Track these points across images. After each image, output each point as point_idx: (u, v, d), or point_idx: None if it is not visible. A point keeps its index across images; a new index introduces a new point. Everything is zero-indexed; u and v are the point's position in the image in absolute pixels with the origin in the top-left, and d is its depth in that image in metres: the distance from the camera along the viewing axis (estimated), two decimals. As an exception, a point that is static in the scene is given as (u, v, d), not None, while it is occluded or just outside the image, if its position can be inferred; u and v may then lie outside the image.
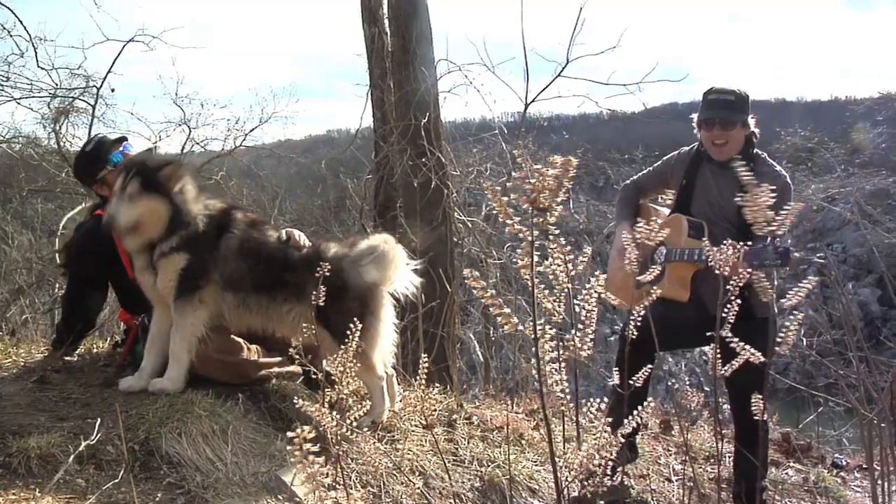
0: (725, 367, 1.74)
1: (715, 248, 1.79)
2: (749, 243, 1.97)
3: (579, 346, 1.37)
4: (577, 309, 1.42)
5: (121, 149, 3.52)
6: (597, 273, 1.45)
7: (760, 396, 1.79)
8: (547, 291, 1.35)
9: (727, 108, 3.30)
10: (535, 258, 1.28)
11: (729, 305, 1.70)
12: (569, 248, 1.34)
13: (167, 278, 3.07)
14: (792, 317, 1.66)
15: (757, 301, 3.16)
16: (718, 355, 1.73)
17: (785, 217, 1.57)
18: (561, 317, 1.34)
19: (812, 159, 17.58)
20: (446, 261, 6.79)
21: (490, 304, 1.29)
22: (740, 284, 1.72)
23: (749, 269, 1.74)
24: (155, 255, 3.06)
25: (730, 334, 1.67)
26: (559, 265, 1.32)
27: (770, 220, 1.57)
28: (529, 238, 1.26)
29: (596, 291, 1.43)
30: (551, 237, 1.28)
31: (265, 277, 3.12)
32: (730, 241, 1.78)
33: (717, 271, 1.73)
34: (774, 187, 1.60)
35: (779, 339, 1.65)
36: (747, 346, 1.67)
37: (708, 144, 3.37)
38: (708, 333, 1.78)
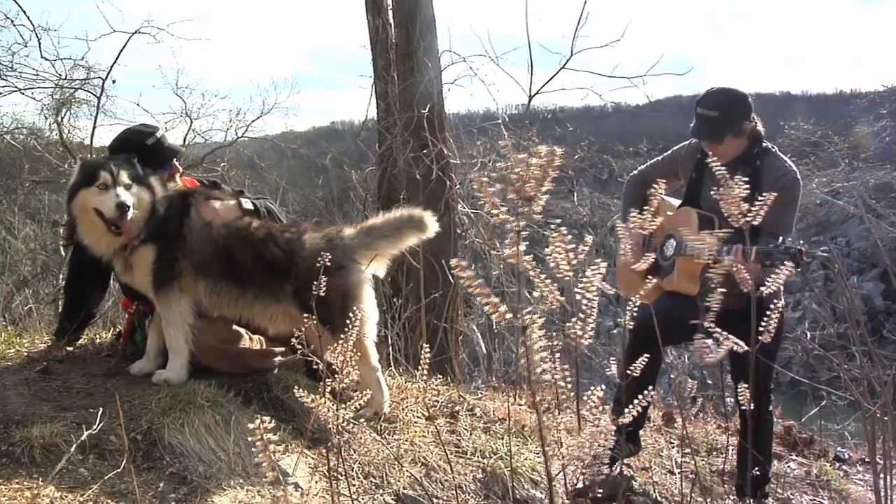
0: (712, 356, 1.74)
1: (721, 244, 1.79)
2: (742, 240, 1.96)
3: (580, 335, 1.36)
4: (577, 298, 1.41)
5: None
6: (597, 261, 1.44)
7: (746, 385, 1.79)
8: (548, 281, 1.34)
9: (710, 126, 3.24)
10: (526, 247, 1.28)
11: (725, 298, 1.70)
12: (570, 237, 1.33)
13: (142, 273, 3.10)
14: (773, 306, 1.66)
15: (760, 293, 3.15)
16: (716, 347, 1.73)
17: (759, 208, 1.56)
18: (559, 305, 1.33)
19: (816, 153, 17.49)
20: (449, 253, 6.77)
21: (479, 293, 1.28)
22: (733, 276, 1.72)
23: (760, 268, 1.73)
24: (128, 252, 3.08)
25: (716, 327, 1.67)
26: (560, 254, 1.30)
27: (745, 212, 1.56)
28: (516, 228, 1.25)
29: (595, 281, 1.42)
30: (552, 226, 1.27)
31: (233, 267, 3.12)
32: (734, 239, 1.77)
33: (731, 268, 1.72)
34: (746, 180, 1.59)
35: (760, 329, 1.65)
36: (733, 336, 1.67)
37: (706, 148, 3.35)
38: (691, 322, 1.78)
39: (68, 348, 3.44)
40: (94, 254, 3.13)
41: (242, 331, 3.28)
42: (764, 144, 3.31)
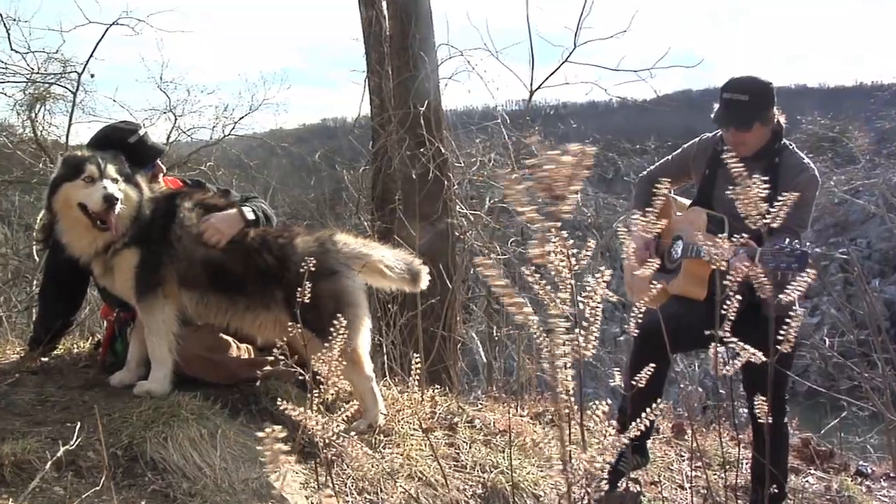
0: (727, 367, 1.74)
1: (727, 246, 1.78)
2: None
3: (583, 344, 1.36)
4: (580, 306, 1.41)
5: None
6: (601, 268, 1.44)
7: (764, 399, 1.79)
8: (549, 287, 1.34)
9: (739, 111, 3.21)
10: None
11: (731, 302, 1.70)
12: (571, 241, 1.33)
13: (123, 277, 3.08)
14: (793, 313, 1.66)
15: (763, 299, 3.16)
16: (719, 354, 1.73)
17: (779, 209, 1.55)
18: (565, 313, 1.34)
19: (834, 149, 17.45)
20: (447, 256, 6.78)
21: (502, 293, 1.29)
22: (739, 279, 1.72)
23: (763, 271, 1.73)
24: (109, 254, 3.06)
25: (727, 332, 1.67)
26: (561, 259, 1.31)
27: (763, 213, 1.55)
28: (544, 227, 1.25)
29: (600, 287, 1.42)
30: (552, 230, 1.27)
31: (224, 277, 3.12)
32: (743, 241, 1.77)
33: (721, 268, 1.73)
34: (766, 179, 1.58)
35: (779, 337, 1.65)
36: (747, 346, 1.67)
37: (727, 141, 3.33)
38: (707, 332, 1.78)
39: (43, 359, 3.43)
40: (72, 255, 3.10)
41: (230, 339, 3.28)
42: (782, 141, 3.32)
